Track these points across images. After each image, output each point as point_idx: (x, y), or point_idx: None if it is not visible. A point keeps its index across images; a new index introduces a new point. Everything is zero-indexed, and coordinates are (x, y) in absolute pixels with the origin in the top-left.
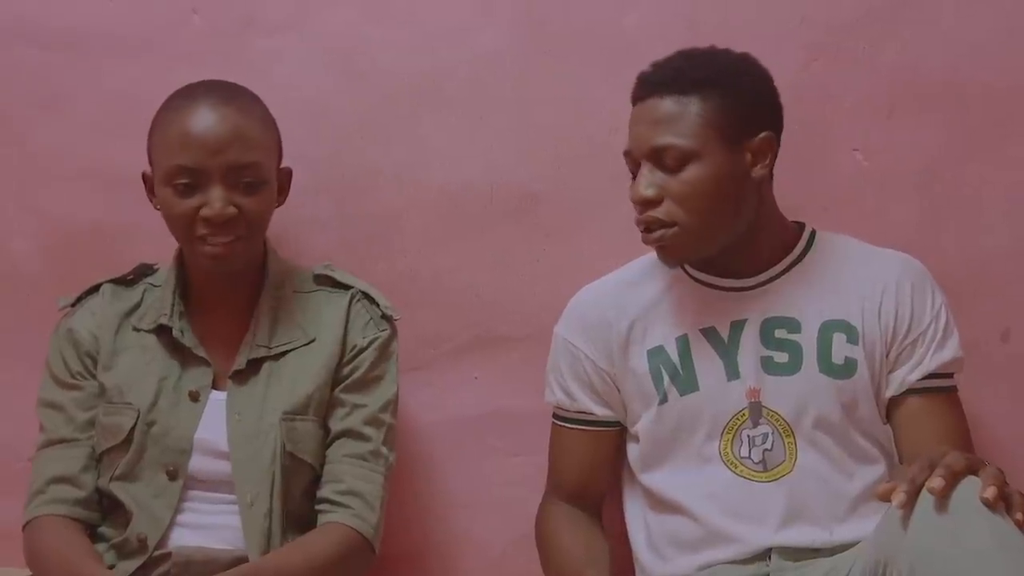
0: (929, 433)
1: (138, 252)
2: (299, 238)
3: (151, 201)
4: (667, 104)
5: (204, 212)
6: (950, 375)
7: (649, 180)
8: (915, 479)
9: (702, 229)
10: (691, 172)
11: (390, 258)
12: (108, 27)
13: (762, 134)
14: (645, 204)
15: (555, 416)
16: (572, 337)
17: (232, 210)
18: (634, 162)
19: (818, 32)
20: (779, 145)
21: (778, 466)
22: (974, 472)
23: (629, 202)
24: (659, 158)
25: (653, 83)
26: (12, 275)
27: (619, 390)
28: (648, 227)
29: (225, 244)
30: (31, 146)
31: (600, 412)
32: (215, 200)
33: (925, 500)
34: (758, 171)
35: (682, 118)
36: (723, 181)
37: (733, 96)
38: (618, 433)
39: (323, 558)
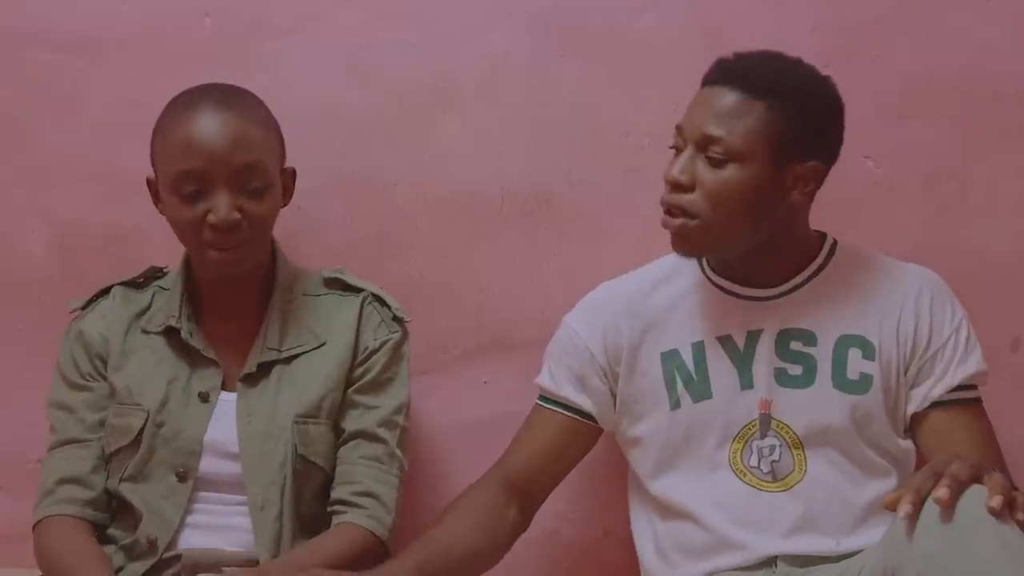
0: (956, 445)
1: (149, 254)
2: (309, 240)
3: (156, 206)
4: (733, 98)
5: (210, 219)
6: (973, 387)
7: (688, 165)
8: (920, 489)
9: (722, 230)
10: (730, 172)
11: (400, 261)
12: (120, 30)
13: (811, 162)
14: (676, 187)
15: (538, 398)
16: (578, 327)
17: (237, 216)
18: (682, 140)
19: (830, 38)
20: (826, 174)
21: (787, 476)
22: (979, 480)
23: (642, 206)
24: (705, 147)
25: (729, 72)
26: (24, 277)
27: (614, 392)
28: (670, 211)
29: (231, 250)
30: (43, 149)
31: (579, 400)
32: (221, 207)
33: (931, 510)
34: (795, 197)
35: (742, 117)
36: (757, 193)
37: (798, 116)
38: (590, 432)
39: (338, 558)
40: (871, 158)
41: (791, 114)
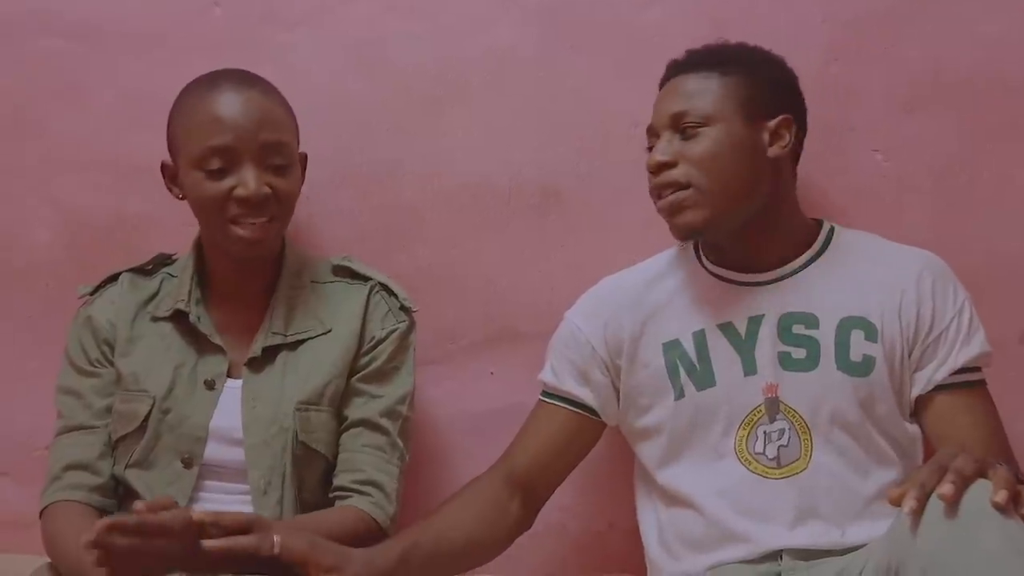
0: (960, 429)
1: (156, 242)
2: (318, 230)
3: (171, 191)
4: (690, 80)
5: (239, 192)
6: (978, 369)
7: (666, 147)
8: (925, 484)
9: (717, 193)
10: (708, 135)
11: (408, 252)
12: (129, 19)
13: (781, 116)
14: (660, 168)
15: (541, 393)
16: (579, 321)
17: (267, 190)
18: (654, 135)
19: (839, 31)
20: (801, 135)
21: (792, 463)
22: (984, 475)
23: (649, 198)
24: (677, 125)
25: (679, 65)
26: (32, 265)
27: (616, 386)
28: (662, 192)
29: (258, 226)
30: (51, 137)
31: (581, 394)
32: (250, 180)
33: (936, 505)
34: (774, 151)
35: (703, 91)
36: (739, 150)
37: (753, 75)
38: (593, 427)
39: (338, 535)
40: (879, 151)
41: (747, 75)
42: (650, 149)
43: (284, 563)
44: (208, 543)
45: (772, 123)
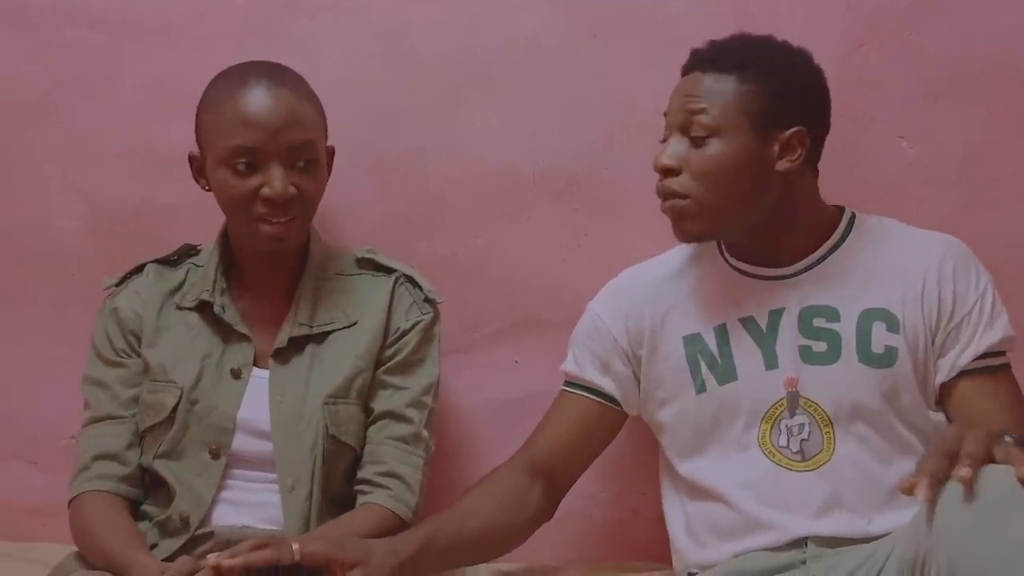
0: (984, 414)
1: (182, 232)
2: (341, 219)
3: (198, 182)
4: (707, 80)
5: (265, 192)
6: (1002, 353)
7: (673, 151)
8: (935, 472)
9: (711, 207)
10: (713, 148)
11: (432, 240)
12: (153, 8)
13: (793, 128)
14: (664, 172)
15: (563, 383)
16: (601, 312)
17: (293, 190)
18: (668, 128)
19: (863, 19)
20: (818, 142)
21: (816, 455)
22: (990, 451)
23: None
24: (687, 130)
25: (701, 58)
26: (58, 254)
27: (637, 376)
28: (664, 196)
29: (284, 224)
30: (77, 127)
31: (603, 383)
32: (276, 180)
33: (957, 492)
34: (783, 164)
35: (716, 95)
36: (742, 164)
37: (770, 84)
38: (614, 416)
39: (361, 535)
40: (905, 139)
41: (763, 83)
42: (665, 139)
43: (308, 569)
44: (227, 562)
45: (784, 135)
